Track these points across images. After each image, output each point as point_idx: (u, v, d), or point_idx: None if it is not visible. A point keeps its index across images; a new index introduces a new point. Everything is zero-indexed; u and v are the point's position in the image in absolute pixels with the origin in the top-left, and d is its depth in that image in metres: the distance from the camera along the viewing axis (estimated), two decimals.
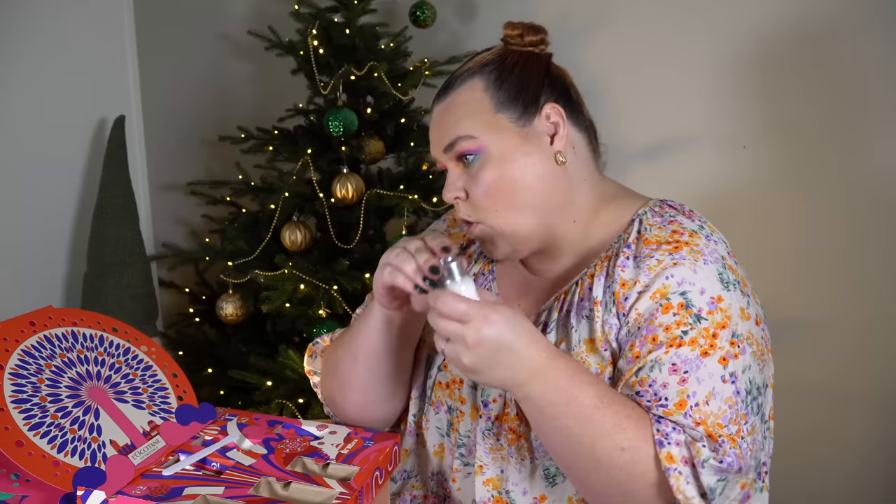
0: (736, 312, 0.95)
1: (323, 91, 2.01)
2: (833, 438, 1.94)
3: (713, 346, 0.92)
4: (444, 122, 1.04)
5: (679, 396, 0.91)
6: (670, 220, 1.01)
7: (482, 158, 1.01)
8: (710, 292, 0.94)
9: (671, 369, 0.92)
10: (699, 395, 0.91)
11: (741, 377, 0.93)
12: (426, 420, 1.13)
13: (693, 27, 1.96)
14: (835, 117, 1.86)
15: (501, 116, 1.01)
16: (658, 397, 0.92)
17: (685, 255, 0.96)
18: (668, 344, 0.93)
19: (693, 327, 0.93)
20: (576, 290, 1.03)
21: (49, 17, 2.21)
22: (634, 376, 0.94)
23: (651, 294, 0.95)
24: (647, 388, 0.93)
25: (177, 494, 0.86)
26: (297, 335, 2.15)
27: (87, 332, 1.05)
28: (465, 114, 1.02)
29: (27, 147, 2.17)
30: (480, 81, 1.03)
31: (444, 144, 1.03)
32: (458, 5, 2.24)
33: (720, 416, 0.91)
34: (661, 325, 0.94)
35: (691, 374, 0.92)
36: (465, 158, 1.01)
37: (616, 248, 1.02)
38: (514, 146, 1.01)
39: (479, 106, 1.02)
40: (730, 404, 0.92)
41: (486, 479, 1.05)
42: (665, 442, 0.89)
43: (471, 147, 1.01)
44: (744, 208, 1.95)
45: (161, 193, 2.65)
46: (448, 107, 1.04)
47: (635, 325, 0.96)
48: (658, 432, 0.89)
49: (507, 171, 1.00)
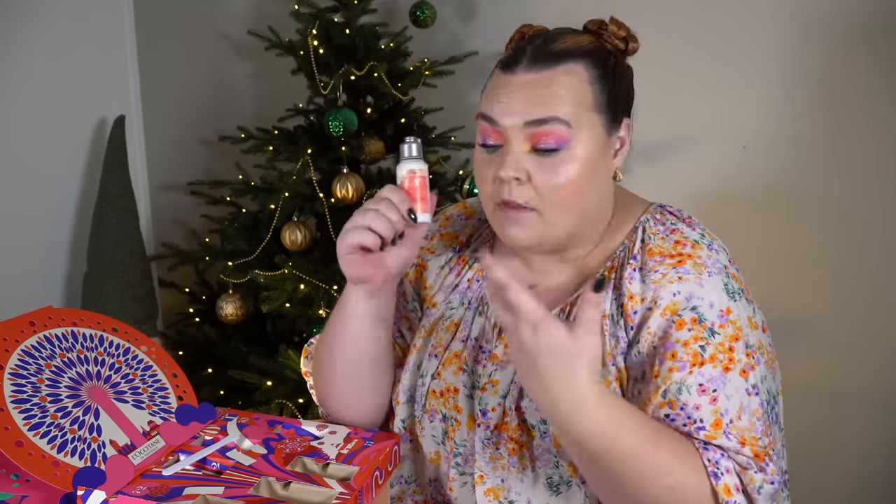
0: (745, 323, 0.95)
1: (323, 91, 2.01)
2: (830, 437, 1.94)
3: (732, 361, 0.92)
4: (537, 94, 0.95)
5: (714, 416, 0.90)
6: (672, 229, 1.01)
7: (565, 153, 0.95)
8: (719, 305, 0.94)
9: (700, 390, 0.91)
10: (731, 412, 0.90)
11: (762, 388, 0.93)
12: (421, 427, 1.11)
13: (693, 27, 1.96)
14: (836, 116, 1.86)
15: (597, 117, 0.97)
16: (692, 420, 0.90)
17: (689, 270, 0.95)
18: (690, 363, 0.92)
19: (709, 342, 0.92)
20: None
21: (49, 17, 2.21)
22: (662, 398, 0.92)
23: (661, 311, 0.95)
24: (678, 411, 0.91)
25: (177, 494, 0.86)
26: (297, 335, 2.15)
27: (87, 332, 1.05)
28: (567, 98, 0.95)
29: (27, 147, 2.17)
30: (584, 72, 0.97)
31: (532, 118, 0.94)
32: (458, 5, 2.24)
33: (752, 430, 0.90)
34: (678, 342, 0.93)
35: (720, 392, 0.91)
36: (543, 146, 0.95)
37: (621, 257, 1.01)
38: (598, 151, 0.98)
39: (581, 96, 0.96)
40: (758, 416, 0.91)
41: (487, 489, 1.04)
42: (718, 473, 0.88)
43: (563, 134, 0.94)
44: (743, 208, 1.96)
45: (161, 193, 2.65)
46: (544, 81, 0.95)
47: (649, 346, 0.95)
48: (709, 462, 0.88)
49: (583, 173, 0.96)
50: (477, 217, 1.19)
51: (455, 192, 2.10)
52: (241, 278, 2.05)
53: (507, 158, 0.96)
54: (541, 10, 1.98)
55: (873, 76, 1.81)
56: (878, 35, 1.80)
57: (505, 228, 0.99)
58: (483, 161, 1.00)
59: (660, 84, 2.01)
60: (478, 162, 1.01)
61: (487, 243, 1.14)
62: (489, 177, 0.99)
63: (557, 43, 0.99)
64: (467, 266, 1.14)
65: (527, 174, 0.96)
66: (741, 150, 1.95)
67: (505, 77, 0.98)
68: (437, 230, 1.20)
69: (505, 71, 0.99)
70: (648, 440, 0.85)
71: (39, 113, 2.20)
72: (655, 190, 1.12)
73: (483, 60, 2.16)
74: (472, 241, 1.16)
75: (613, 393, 0.92)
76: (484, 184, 1.00)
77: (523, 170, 0.96)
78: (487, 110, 0.98)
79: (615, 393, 0.95)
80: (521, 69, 0.97)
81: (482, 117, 0.99)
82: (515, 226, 0.98)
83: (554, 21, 1.18)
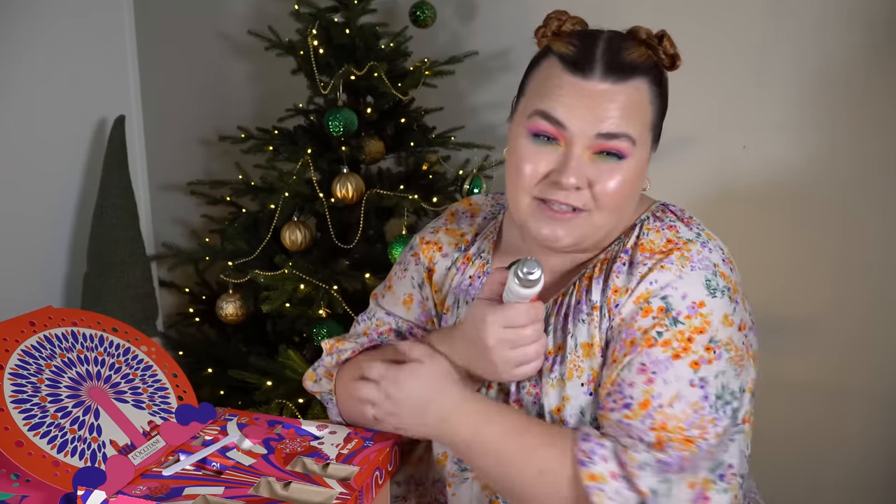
0: (718, 318, 0.95)
1: (323, 91, 2.00)
2: (830, 436, 1.94)
3: (686, 350, 0.93)
4: (611, 107, 0.95)
5: (644, 396, 0.92)
6: (669, 226, 1.01)
7: (623, 163, 0.97)
8: (693, 297, 0.94)
9: (639, 369, 0.93)
10: (664, 397, 0.92)
11: (712, 382, 0.93)
12: None
13: (692, 27, 1.96)
14: (837, 115, 1.86)
15: (648, 134, 0.99)
16: (623, 396, 0.93)
17: (673, 261, 0.96)
18: (641, 346, 0.93)
19: (668, 329, 0.93)
20: (573, 292, 1.02)
21: (49, 17, 2.21)
22: (609, 380, 0.95)
23: (634, 299, 0.96)
24: (616, 387, 0.94)
25: (177, 494, 0.86)
26: (297, 335, 2.15)
27: (87, 332, 1.05)
28: (636, 116, 0.97)
29: (27, 147, 2.17)
30: (647, 89, 0.98)
31: (605, 131, 0.95)
32: (458, 5, 2.24)
33: (683, 419, 0.91)
34: (639, 329, 0.95)
35: (658, 375, 0.92)
36: (610, 155, 0.96)
37: (615, 250, 1.02)
38: (645, 163, 1.00)
39: (645, 115, 0.98)
40: (695, 409, 0.92)
41: (483, 485, 1.06)
42: (587, 461, 0.90)
43: (627, 151, 0.96)
44: (743, 208, 1.96)
45: (161, 193, 2.65)
46: (618, 95, 0.95)
47: (617, 331, 0.97)
48: (581, 452, 0.91)
49: (633, 182, 0.99)
50: (482, 215, 1.20)
51: (455, 192, 2.10)
52: (241, 278, 2.05)
53: (570, 164, 0.95)
54: (540, 11, 1.97)
55: (874, 74, 1.81)
56: (879, 32, 1.80)
57: (543, 227, 0.99)
58: (530, 151, 0.98)
59: None
60: (521, 150, 0.99)
61: (492, 239, 1.15)
62: (538, 171, 0.97)
63: (626, 53, 0.97)
64: (470, 263, 1.14)
65: (587, 182, 0.96)
66: (741, 150, 1.95)
67: (574, 79, 0.96)
68: (442, 224, 1.21)
69: (574, 73, 0.96)
70: (512, 432, 0.95)
71: (39, 112, 2.20)
72: (655, 189, 1.11)
73: (483, 60, 2.16)
74: (477, 240, 1.16)
75: (480, 395, 1.02)
76: (523, 176, 0.98)
77: (584, 177, 0.96)
78: (552, 110, 0.96)
79: (481, 395, 1.03)
80: (595, 77, 0.95)
81: (543, 115, 0.96)
82: (558, 226, 0.98)
83: None
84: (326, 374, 1.15)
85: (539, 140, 0.97)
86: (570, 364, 0.99)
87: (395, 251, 1.92)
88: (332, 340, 1.17)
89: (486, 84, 2.24)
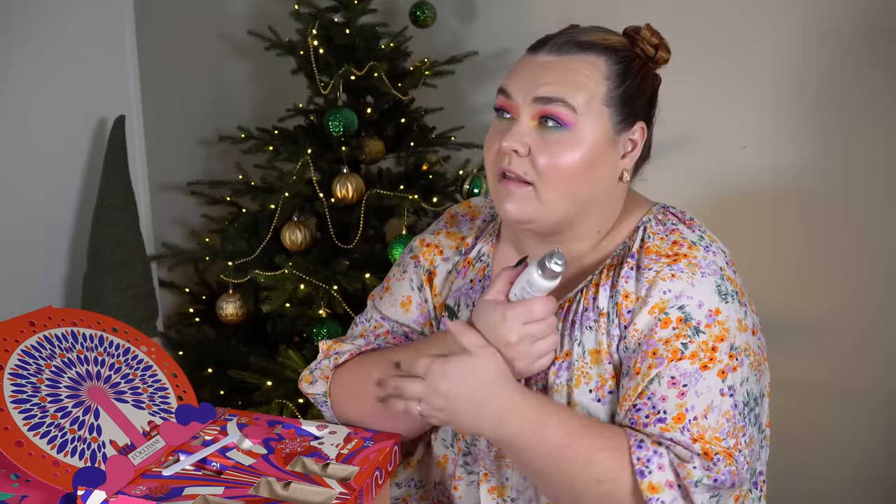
0: (734, 325, 0.95)
1: (323, 91, 2.01)
2: (834, 438, 1.94)
3: (713, 360, 0.93)
4: (550, 74, 0.98)
5: (678, 410, 0.91)
6: (672, 230, 1.01)
7: (568, 134, 0.97)
8: (709, 305, 0.94)
9: (670, 383, 0.92)
10: (698, 409, 0.91)
11: (739, 389, 0.93)
12: (434, 431, 1.13)
13: (692, 27, 1.96)
14: (840, 117, 1.86)
15: (607, 111, 0.99)
16: (656, 410, 0.92)
17: (683, 268, 0.96)
18: (668, 358, 0.93)
19: (692, 340, 0.93)
20: (580, 298, 1.02)
21: (48, 16, 2.21)
22: (638, 395, 0.94)
23: (650, 309, 0.96)
24: (645, 401, 0.93)
25: (177, 494, 0.86)
26: (297, 335, 2.15)
27: (86, 333, 1.05)
28: (579, 84, 0.98)
29: (27, 147, 2.17)
30: (605, 66, 1.00)
31: (541, 95, 0.98)
32: (458, 5, 2.24)
33: (718, 429, 0.91)
34: (660, 340, 0.94)
35: (690, 388, 0.92)
36: (548, 122, 0.98)
37: (621, 255, 1.02)
38: (602, 144, 0.99)
39: (595, 88, 0.99)
40: (727, 417, 0.92)
41: (490, 487, 1.06)
42: (646, 471, 0.89)
43: (566, 118, 0.97)
44: (744, 208, 1.96)
45: (161, 193, 2.65)
46: (561, 64, 0.99)
47: (635, 342, 0.96)
48: (638, 461, 0.90)
49: (584, 162, 0.98)
50: (482, 218, 1.20)
51: (455, 192, 2.10)
52: (241, 278, 2.05)
53: (512, 129, 0.99)
54: (540, 10, 1.98)
55: (876, 76, 1.81)
56: (881, 34, 1.80)
57: (502, 203, 1.01)
58: (494, 129, 1.03)
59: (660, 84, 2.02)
60: (489, 132, 1.04)
61: (491, 241, 1.15)
62: (494, 146, 1.02)
63: (585, 35, 1.02)
64: (471, 267, 1.14)
65: (528, 148, 0.98)
66: (742, 150, 1.95)
67: (528, 57, 1.03)
68: (443, 227, 1.21)
69: (529, 51, 1.04)
70: (575, 432, 0.91)
71: (39, 113, 2.19)
72: (655, 190, 1.12)
73: (483, 60, 2.16)
74: (477, 243, 1.16)
75: (537, 393, 0.97)
76: (489, 154, 1.03)
77: (524, 143, 0.98)
78: (505, 84, 1.02)
79: (538, 393, 0.99)
80: (544, 52, 1.01)
81: (500, 90, 1.03)
82: (511, 200, 1.00)
83: (553, 21, 1.19)
84: (322, 376, 1.14)
85: (500, 117, 1.03)
86: (577, 371, 0.99)
87: (394, 251, 1.92)
88: (329, 342, 1.17)
89: (486, 84, 2.24)
